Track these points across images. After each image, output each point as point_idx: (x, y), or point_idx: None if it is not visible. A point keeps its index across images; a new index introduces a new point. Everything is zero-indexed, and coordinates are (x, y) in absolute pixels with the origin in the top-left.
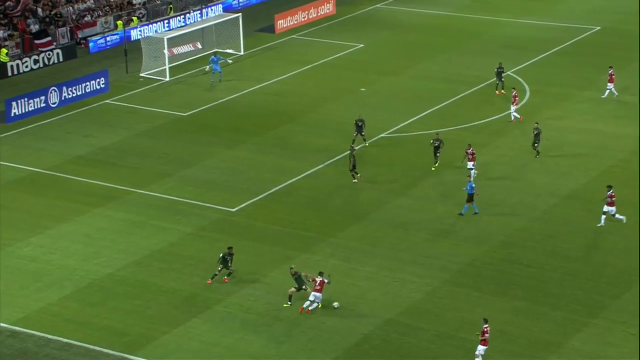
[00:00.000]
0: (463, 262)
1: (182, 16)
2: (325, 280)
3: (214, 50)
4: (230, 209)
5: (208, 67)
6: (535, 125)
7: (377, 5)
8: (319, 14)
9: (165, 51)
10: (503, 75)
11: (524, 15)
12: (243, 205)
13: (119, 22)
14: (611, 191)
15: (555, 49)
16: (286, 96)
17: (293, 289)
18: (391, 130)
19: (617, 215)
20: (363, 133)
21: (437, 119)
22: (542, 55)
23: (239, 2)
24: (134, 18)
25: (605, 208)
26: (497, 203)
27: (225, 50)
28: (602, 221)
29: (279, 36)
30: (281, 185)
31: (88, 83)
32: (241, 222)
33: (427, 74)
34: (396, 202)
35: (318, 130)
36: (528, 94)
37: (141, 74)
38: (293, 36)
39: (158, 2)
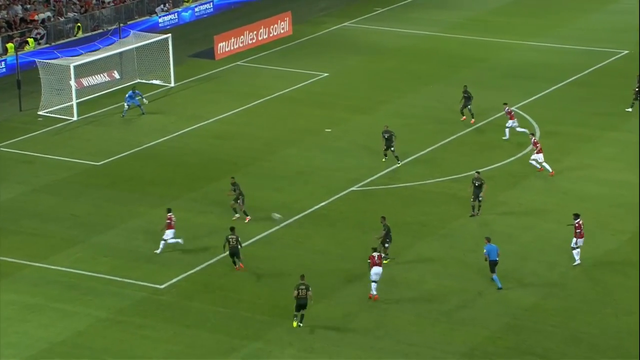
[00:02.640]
0: (459, 351)
1: (94, 38)
2: (383, 255)
3: (133, 82)
4: (158, 286)
5: (127, 105)
6: (475, 175)
7: (345, 24)
8: (271, 35)
9: (72, 82)
10: (469, 100)
11: (532, 37)
12: (174, 280)
13: (9, 45)
14: (578, 220)
15: (572, 78)
16: (230, 139)
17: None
18: (364, 182)
19: (574, 253)
20: (393, 148)
21: (422, 167)
22: (555, 87)
23: (168, 20)
24: (30, 40)
25: (574, 242)
26: (501, 274)
27: (151, 82)
28: (577, 259)
29: (220, 63)
30: (223, 255)
31: None
32: (172, 302)
33: (410, 111)
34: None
35: (271, 183)
36: (538, 135)
37: (40, 112)
38: (238, 63)
39: (62, 19)
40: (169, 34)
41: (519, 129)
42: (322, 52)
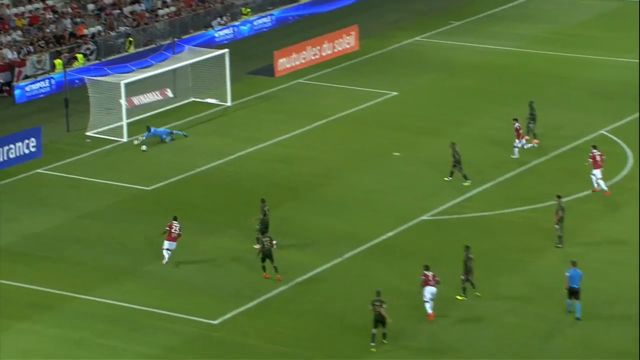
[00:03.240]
0: None
1: (147, 53)
2: (433, 275)
3: (188, 101)
4: (212, 321)
5: (137, 141)
6: (558, 201)
7: (417, 38)
8: (336, 51)
9: (122, 101)
10: (532, 118)
11: (623, 53)
12: (229, 315)
13: (57, 62)
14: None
15: None
16: (290, 163)
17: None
18: (436, 210)
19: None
20: (459, 166)
21: (499, 196)
22: None
23: (224, 35)
24: (79, 56)
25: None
26: (588, 313)
27: (206, 100)
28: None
29: (280, 81)
30: (282, 288)
31: (12, 146)
32: (227, 339)
33: (486, 133)
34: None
35: (334, 210)
36: (631, 161)
37: (88, 133)
38: (300, 80)
39: (112, 33)
40: (226, 49)
41: (527, 146)
42: (391, 69)
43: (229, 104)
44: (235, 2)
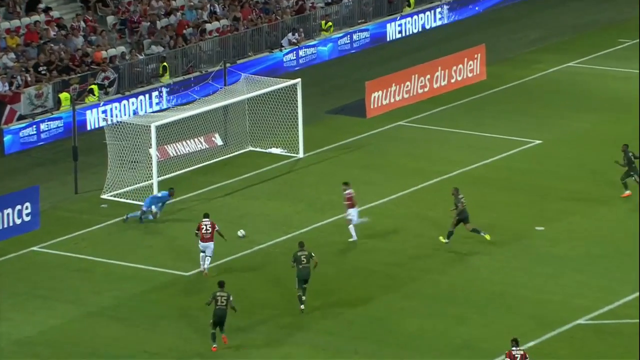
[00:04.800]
0: None
1: (186, 84)
2: None
3: (244, 150)
4: None
5: (154, 209)
6: None
7: (570, 64)
8: (453, 81)
9: (153, 151)
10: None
11: None
12: None
13: (64, 96)
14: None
15: None
16: (386, 238)
17: None
18: (598, 311)
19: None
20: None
21: None
22: None
23: (296, 58)
24: (94, 87)
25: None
26: None
27: (269, 151)
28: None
29: (374, 123)
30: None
31: None
32: None
33: None
34: None
35: (449, 308)
36: None
37: (104, 196)
38: (401, 123)
39: (140, 56)
40: (298, 79)
41: None
42: (531, 107)
43: (300, 155)
44: (311, 12)
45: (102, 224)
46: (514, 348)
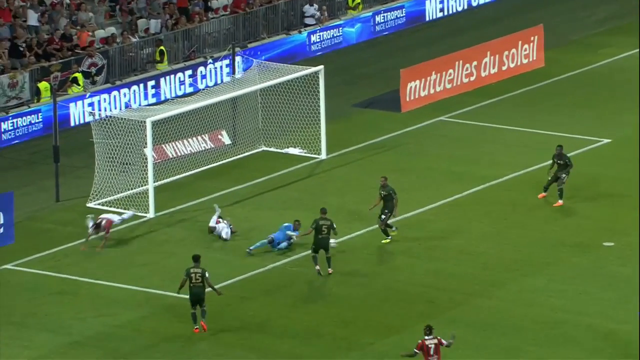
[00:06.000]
0: None
1: (188, 71)
2: None
3: (257, 151)
4: None
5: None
6: None
7: None
8: (505, 68)
9: (148, 151)
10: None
11: None
12: None
13: (43, 85)
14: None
15: None
16: (421, 256)
17: None
18: None
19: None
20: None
21: None
22: None
23: (319, 41)
24: (78, 75)
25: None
26: None
27: (286, 151)
28: None
29: (410, 118)
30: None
31: None
32: None
33: None
34: None
35: (494, 337)
36: None
37: (90, 204)
38: (442, 118)
39: (133, 39)
40: (321, 66)
41: None
42: (598, 101)
43: (323, 156)
44: None
45: (88, 237)
46: (427, 337)
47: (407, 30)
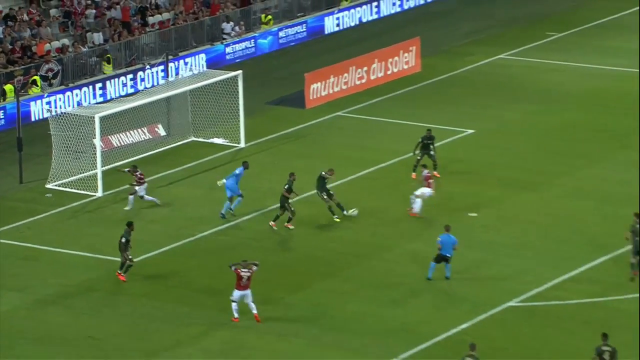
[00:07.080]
0: None
1: (130, 75)
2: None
3: (186, 141)
4: None
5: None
6: None
7: (502, 56)
8: (389, 73)
9: (97, 142)
10: (433, 147)
11: None
12: None
13: (8, 87)
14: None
15: None
16: (325, 227)
17: None
18: (528, 294)
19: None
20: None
21: (613, 275)
22: None
23: (238, 51)
24: (36, 78)
25: None
26: None
27: (211, 141)
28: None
29: (312, 113)
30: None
31: None
32: None
33: (601, 188)
34: None
35: (384, 293)
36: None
37: (49, 185)
38: (339, 113)
39: (84, 49)
40: (239, 71)
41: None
42: (464, 98)
43: (242, 145)
44: (252, 6)
45: (47, 212)
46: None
47: (310, 42)
